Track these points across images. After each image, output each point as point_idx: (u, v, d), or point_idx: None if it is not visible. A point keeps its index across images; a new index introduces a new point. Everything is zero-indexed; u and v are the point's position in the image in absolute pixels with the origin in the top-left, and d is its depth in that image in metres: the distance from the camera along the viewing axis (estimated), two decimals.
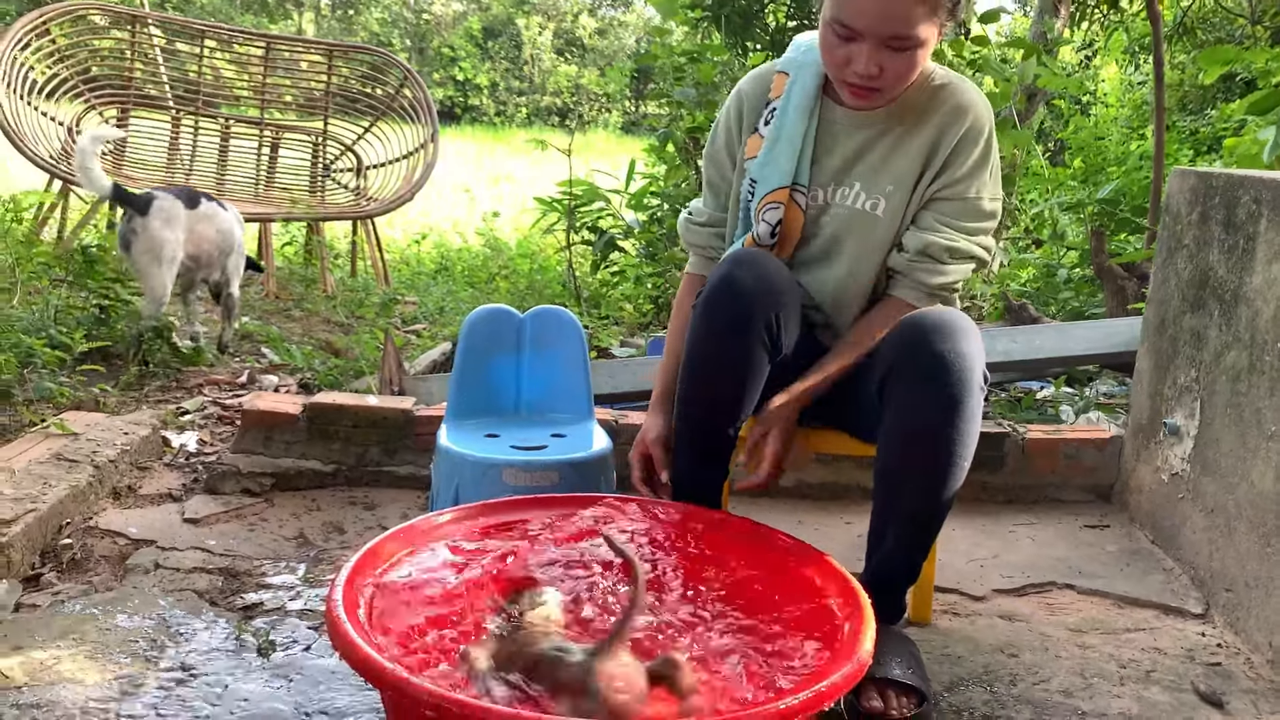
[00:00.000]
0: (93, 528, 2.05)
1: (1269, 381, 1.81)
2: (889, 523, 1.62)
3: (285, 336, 3.78)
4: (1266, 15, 8.22)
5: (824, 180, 1.71)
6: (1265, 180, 1.89)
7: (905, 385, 1.51)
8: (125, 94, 5.52)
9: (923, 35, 1.50)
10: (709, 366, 1.61)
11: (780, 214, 1.70)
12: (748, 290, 1.57)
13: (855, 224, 1.70)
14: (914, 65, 1.54)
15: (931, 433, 1.50)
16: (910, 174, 1.67)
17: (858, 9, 1.48)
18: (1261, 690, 1.70)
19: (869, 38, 1.50)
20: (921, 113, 1.66)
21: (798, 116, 1.69)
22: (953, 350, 1.47)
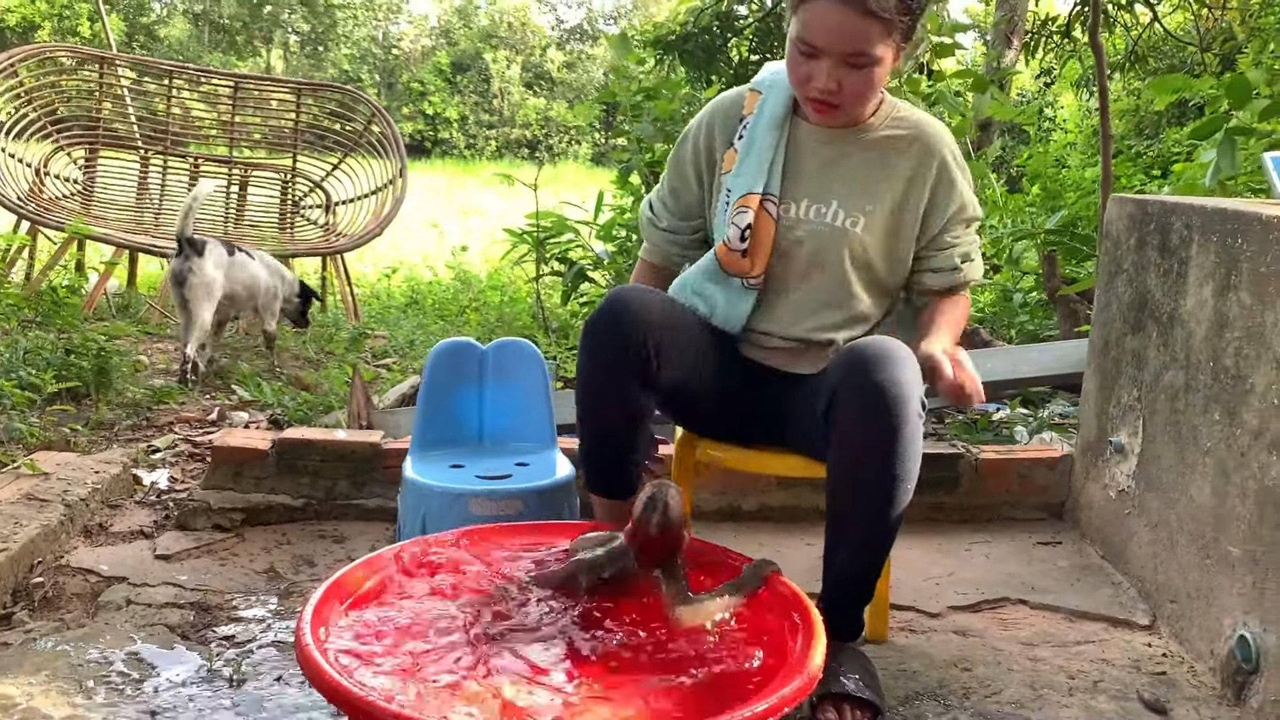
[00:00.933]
0: (64, 566, 2.08)
1: (1203, 400, 1.89)
2: (839, 544, 1.68)
3: (256, 373, 3.81)
4: (1215, 43, 8.45)
5: (797, 194, 1.77)
6: (1195, 207, 1.98)
7: (847, 413, 1.57)
8: (93, 134, 5.55)
9: (879, 53, 1.58)
10: (591, 400, 1.72)
11: (750, 218, 1.75)
12: (622, 325, 1.64)
13: (835, 240, 1.76)
14: (871, 83, 1.63)
15: (874, 459, 1.56)
16: (890, 197, 1.75)
17: (818, 27, 1.57)
18: (1204, 697, 1.77)
19: (829, 55, 1.59)
20: (894, 141, 1.76)
21: (768, 130, 1.77)
22: (890, 379, 1.53)
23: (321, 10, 26.56)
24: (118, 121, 5.79)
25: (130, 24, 24.10)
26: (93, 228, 4.80)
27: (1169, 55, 9.53)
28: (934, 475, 2.41)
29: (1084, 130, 9.53)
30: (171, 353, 4.08)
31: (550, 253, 5.34)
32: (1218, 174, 3.36)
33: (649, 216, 1.95)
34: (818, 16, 1.57)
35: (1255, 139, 3.68)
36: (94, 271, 5.12)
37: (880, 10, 1.54)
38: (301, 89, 6.14)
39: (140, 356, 3.88)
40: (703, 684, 1.31)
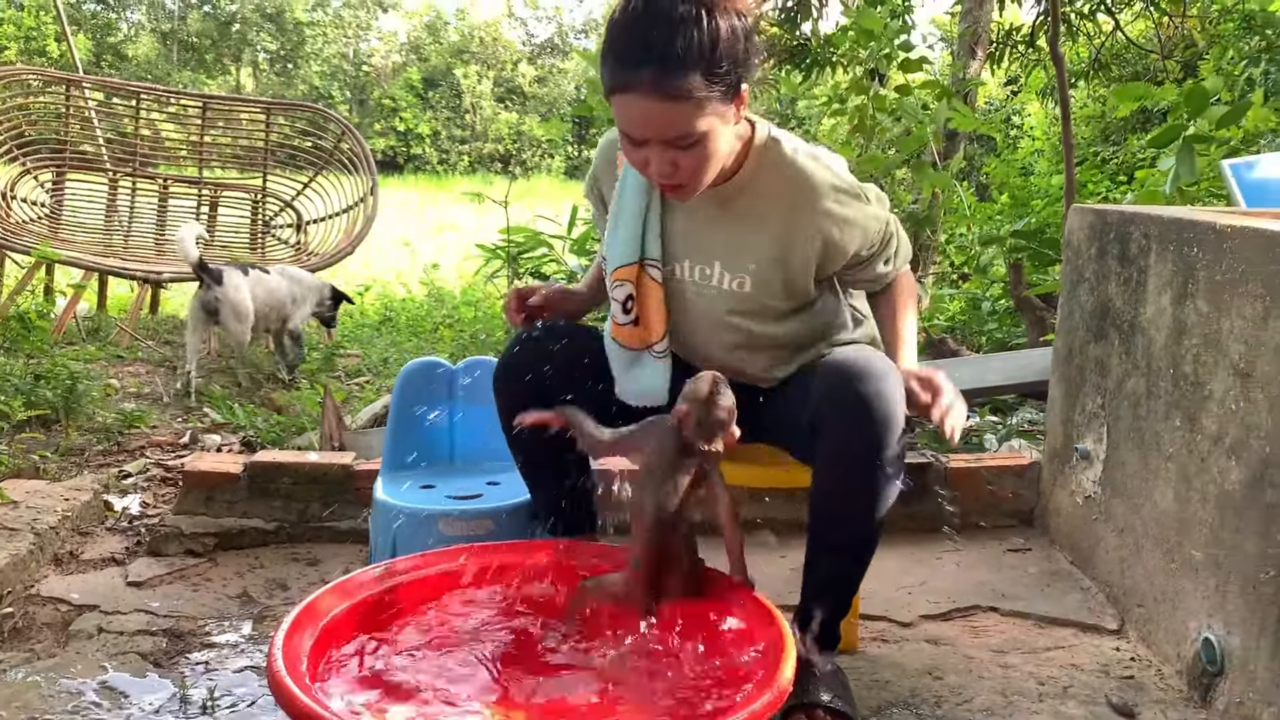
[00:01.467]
0: (34, 595, 2.07)
1: (1164, 406, 1.92)
2: (821, 555, 1.70)
3: (228, 395, 3.79)
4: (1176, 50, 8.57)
5: (678, 256, 1.72)
6: (1153, 216, 2.02)
7: (832, 425, 1.59)
8: (60, 157, 5.52)
9: (701, 129, 1.47)
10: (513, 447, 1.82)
11: (629, 290, 1.72)
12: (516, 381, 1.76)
13: (726, 301, 1.72)
14: (708, 157, 1.52)
15: (858, 470, 1.57)
16: (769, 249, 1.67)
17: (629, 120, 1.48)
18: (1170, 700, 1.79)
19: (652, 143, 1.49)
20: (767, 192, 1.66)
21: (634, 194, 1.70)
22: (876, 392, 1.55)
23: (290, 28, 26.50)
24: (85, 143, 5.75)
25: (98, 44, 23.95)
26: (61, 251, 4.77)
27: (1132, 62, 9.66)
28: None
29: (1050, 138, 9.64)
30: (143, 375, 4.05)
31: (524, 268, 5.35)
32: (1177, 181, 3.42)
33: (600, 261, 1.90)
34: (625, 110, 1.47)
35: (1215, 146, 3.75)
36: (62, 295, 5.09)
37: (684, 91, 1.43)
38: (271, 108, 6.12)
39: (111, 380, 3.86)
40: (673, 701, 1.32)
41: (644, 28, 1.44)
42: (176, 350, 4.64)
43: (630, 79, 1.44)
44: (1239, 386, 1.67)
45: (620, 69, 1.45)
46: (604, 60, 1.48)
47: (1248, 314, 1.65)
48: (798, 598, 1.83)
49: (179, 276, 5.09)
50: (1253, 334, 1.63)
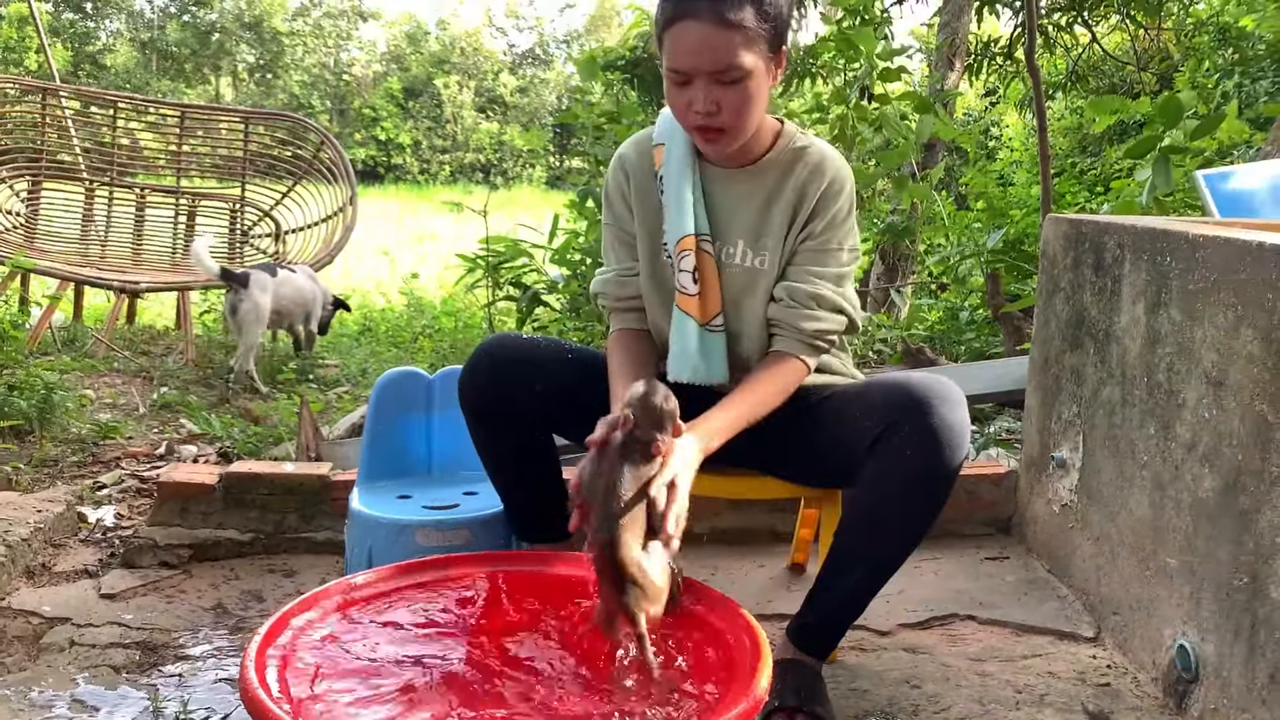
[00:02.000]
0: (5, 608, 2.04)
1: (1139, 414, 1.93)
2: (856, 563, 1.70)
3: (204, 405, 3.77)
4: (1152, 62, 8.66)
5: (721, 234, 1.78)
6: (1126, 226, 2.03)
7: (907, 445, 1.58)
8: (36, 166, 5.48)
9: (748, 65, 1.55)
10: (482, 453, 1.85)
11: (694, 260, 1.74)
12: (484, 383, 1.78)
13: (749, 281, 1.76)
14: (749, 98, 1.59)
15: (922, 491, 1.61)
16: (781, 229, 1.74)
17: (682, 50, 1.56)
18: (1146, 706, 1.80)
19: (699, 76, 1.57)
20: (785, 172, 1.74)
21: (679, 177, 1.76)
22: (956, 419, 1.58)
23: (269, 38, 26.42)
24: (62, 152, 5.72)
25: (76, 53, 23.82)
26: (36, 261, 4.73)
27: (1108, 74, 9.76)
28: None
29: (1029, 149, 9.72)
30: (119, 386, 4.02)
31: (504, 277, 5.35)
32: (1153, 191, 3.45)
33: (600, 276, 1.89)
34: (679, 39, 1.56)
35: (1190, 157, 3.79)
36: (38, 305, 5.05)
37: (737, 21, 1.53)
38: (250, 117, 6.10)
39: (87, 391, 3.83)
40: (649, 708, 1.31)
41: None
42: (154, 360, 4.61)
43: (690, 7, 1.54)
44: (1211, 395, 1.68)
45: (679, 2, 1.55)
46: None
47: (1220, 323, 1.66)
48: (775, 606, 1.85)
49: (155, 286, 5.07)
50: (1224, 343, 1.65)
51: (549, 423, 1.85)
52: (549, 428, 1.87)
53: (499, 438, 1.83)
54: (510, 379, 1.78)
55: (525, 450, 1.85)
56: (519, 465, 1.87)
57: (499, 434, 1.83)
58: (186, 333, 4.77)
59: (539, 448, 1.87)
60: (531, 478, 1.88)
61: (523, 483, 1.88)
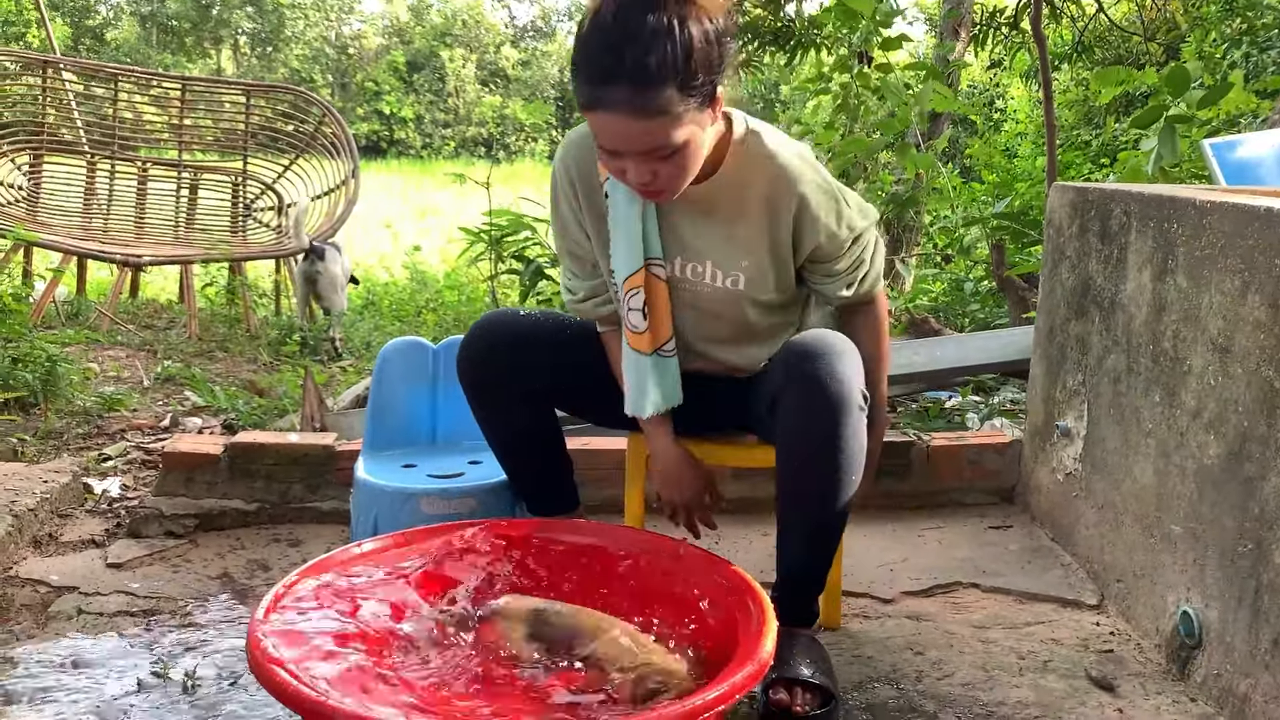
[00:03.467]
0: (13, 577, 2.05)
1: (1144, 382, 1.93)
2: (789, 534, 1.70)
3: (208, 378, 3.77)
4: (1160, 32, 8.59)
5: (670, 254, 1.70)
6: (1133, 193, 2.02)
7: (790, 406, 1.59)
8: (38, 139, 5.47)
9: (679, 139, 1.44)
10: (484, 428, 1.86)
11: (643, 297, 1.69)
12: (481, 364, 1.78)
13: (720, 298, 1.72)
14: (686, 163, 1.49)
15: (817, 451, 1.58)
16: (758, 243, 1.67)
17: (606, 135, 1.45)
18: (1149, 673, 1.81)
19: (629, 155, 1.46)
20: (749, 187, 1.64)
21: (627, 201, 1.66)
22: (830, 371, 1.55)
23: (269, 10, 26.25)
24: (64, 126, 5.70)
25: (77, 27, 23.69)
26: (38, 234, 4.73)
27: (1115, 45, 9.68)
28: (886, 463, 2.44)
29: (1034, 120, 9.66)
30: (123, 359, 4.03)
31: (507, 250, 5.33)
32: (1159, 161, 3.43)
33: (570, 300, 1.85)
34: (601, 126, 1.44)
35: (1196, 127, 3.76)
36: (41, 279, 5.04)
37: (659, 108, 1.40)
38: (251, 90, 6.07)
39: (91, 364, 3.83)
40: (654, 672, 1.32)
41: (615, 43, 1.39)
42: (157, 334, 4.61)
43: (603, 97, 1.41)
44: (1218, 361, 1.68)
45: (592, 87, 1.42)
46: (575, 75, 1.44)
47: (1226, 289, 1.65)
48: None
49: (158, 260, 5.07)
50: (1231, 309, 1.64)
51: (549, 396, 1.85)
52: (549, 401, 1.86)
53: (499, 413, 1.83)
54: (507, 354, 1.77)
55: (526, 424, 1.85)
56: (520, 439, 1.86)
57: (499, 409, 1.82)
58: (190, 306, 4.77)
59: (540, 421, 1.86)
60: (534, 451, 1.88)
61: (526, 457, 1.89)
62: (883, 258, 1.82)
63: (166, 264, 5.28)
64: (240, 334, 4.73)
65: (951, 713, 1.68)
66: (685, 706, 1.19)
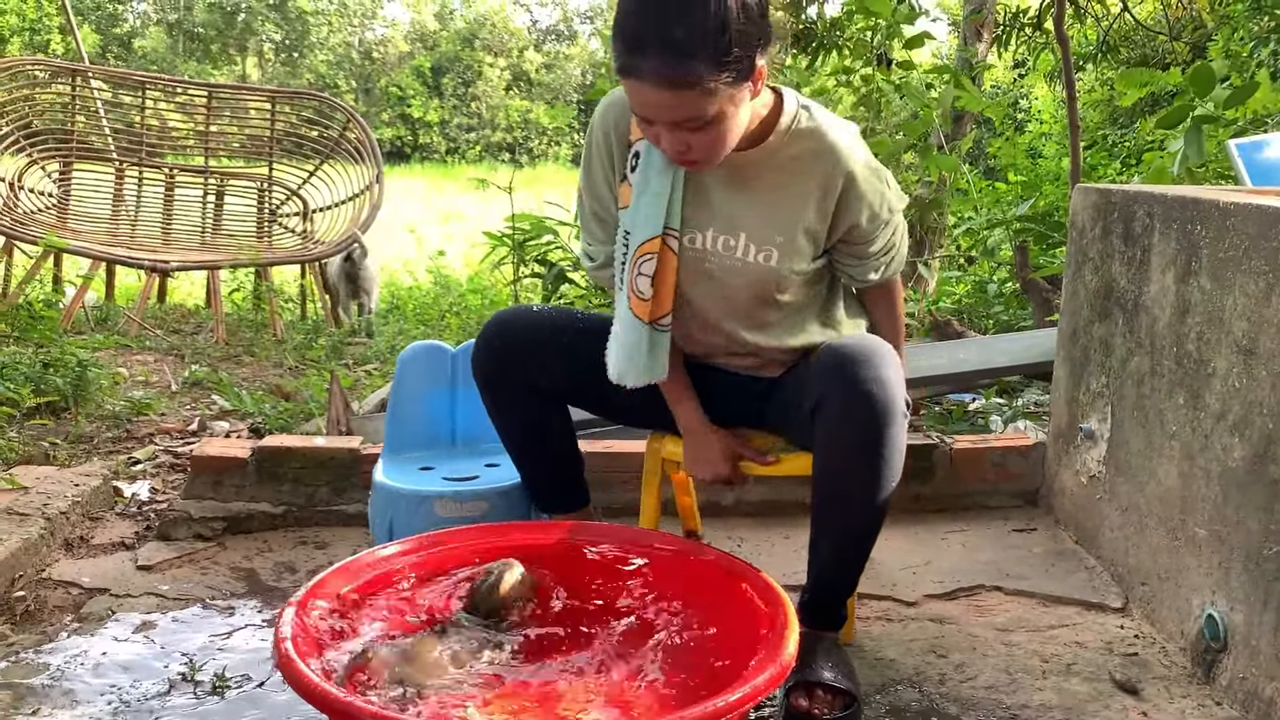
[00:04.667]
0: (46, 579, 2.09)
1: (1168, 384, 1.92)
2: (823, 539, 1.71)
3: (235, 382, 3.81)
4: (1186, 31, 8.52)
5: (702, 224, 1.67)
6: (1156, 195, 2.02)
7: (833, 412, 1.58)
8: (67, 147, 5.53)
9: (710, 113, 1.44)
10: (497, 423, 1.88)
11: (654, 265, 1.66)
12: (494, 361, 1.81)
13: (750, 274, 1.69)
14: (720, 137, 1.49)
15: (860, 458, 1.58)
16: (795, 222, 1.66)
17: (639, 103, 1.47)
18: (1174, 676, 1.80)
19: (661, 124, 1.47)
20: (796, 161, 1.64)
21: (662, 167, 1.63)
22: (877, 378, 1.55)
23: (294, 17, 26.45)
24: (92, 134, 5.77)
25: (104, 36, 23.96)
26: (68, 241, 4.79)
27: (1140, 44, 9.60)
28: (909, 465, 2.42)
29: (1058, 120, 9.59)
30: (151, 364, 4.07)
31: (530, 254, 5.36)
32: (1185, 162, 3.41)
33: (590, 266, 1.85)
34: (632, 92, 1.46)
35: (1222, 127, 3.73)
36: (71, 285, 5.11)
37: (689, 80, 1.40)
38: (276, 97, 6.12)
39: (120, 369, 3.88)
40: (677, 676, 1.33)
41: (651, 11, 1.40)
42: (184, 339, 4.66)
43: (636, 64, 1.41)
44: (1242, 364, 1.67)
45: (627, 54, 1.42)
46: (613, 40, 1.45)
47: (1250, 291, 1.65)
48: (802, 577, 1.85)
49: (185, 265, 5.12)
50: (1255, 311, 1.63)
51: (561, 393, 1.85)
52: (562, 398, 1.87)
53: (511, 409, 1.85)
54: (521, 350, 1.79)
55: (538, 421, 1.86)
56: (532, 437, 1.88)
57: (511, 406, 1.84)
58: (217, 311, 4.82)
59: (552, 419, 1.87)
60: (546, 449, 1.89)
61: (538, 454, 1.90)
62: (906, 245, 1.85)
63: (194, 269, 5.33)
64: (266, 339, 4.77)
65: (974, 716, 1.68)
66: (708, 707, 1.20)
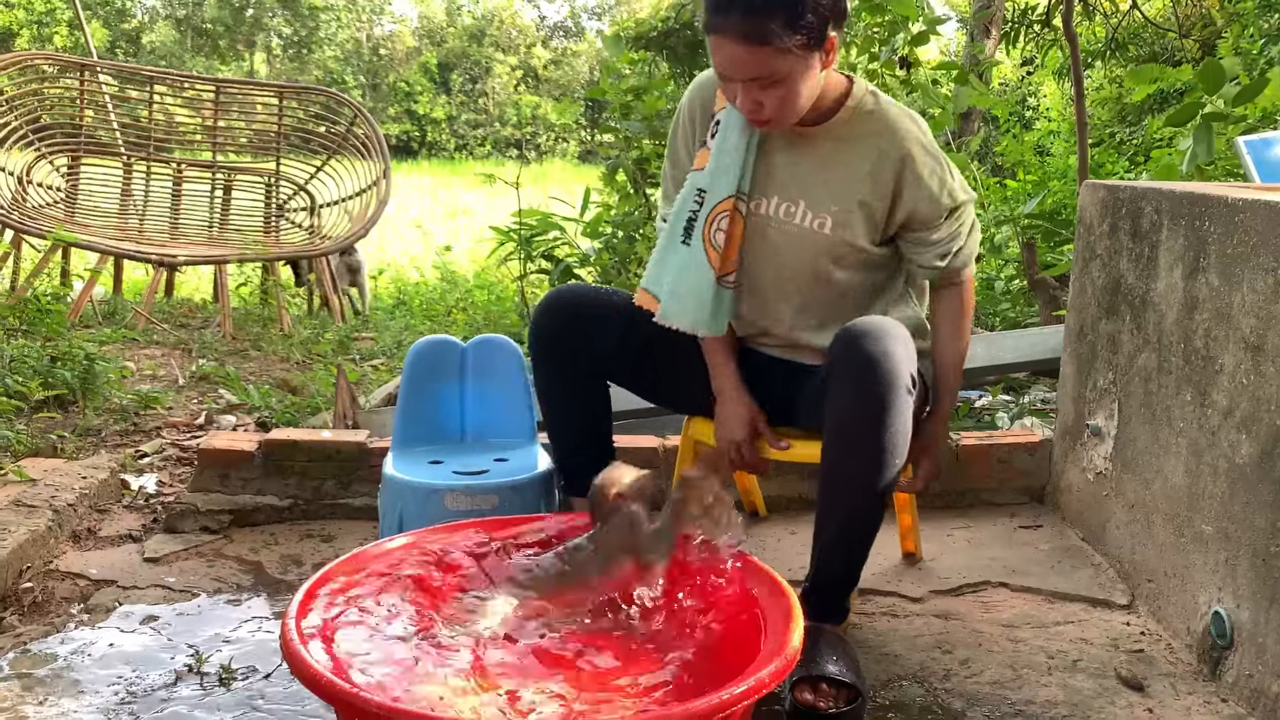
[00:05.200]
0: (53, 570, 2.09)
1: (1175, 381, 1.92)
2: (828, 521, 1.73)
3: (242, 377, 3.82)
4: (1195, 29, 8.49)
5: (767, 191, 1.80)
6: (1164, 191, 2.01)
7: (839, 386, 1.63)
8: (75, 142, 5.55)
9: (782, 72, 1.59)
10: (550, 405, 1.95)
11: (728, 221, 1.78)
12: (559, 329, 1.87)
13: (805, 240, 1.80)
14: (792, 96, 1.64)
15: (862, 431, 1.61)
16: (852, 194, 1.77)
17: (719, 58, 1.62)
18: (1180, 673, 1.79)
19: (738, 80, 1.62)
20: (856, 137, 1.77)
21: (738, 131, 1.77)
22: (881, 351, 1.59)
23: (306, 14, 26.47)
24: (100, 128, 5.78)
25: (112, 31, 24.01)
26: (77, 235, 4.80)
27: (1149, 42, 9.57)
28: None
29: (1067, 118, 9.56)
30: (158, 358, 4.09)
31: (536, 250, 5.37)
32: (1194, 161, 3.40)
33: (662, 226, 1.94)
34: (715, 49, 1.61)
35: (1232, 124, 3.72)
36: (79, 279, 5.12)
37: (764, 37, 1.55)
38: (284, 92, 6.13)
39: (127, 363, 3.89)
40: (682, 670, 1.33)
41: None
42: (192, 333, 4.67)
43: (718, 22, 1.58)
44: (1250, 360, 1.66)
45: (713, 12, 1.59)
46: (705, 2, 1.63)
47: (1259, 287, 1.64)
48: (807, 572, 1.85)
49: (193, 260, 5.13)
50: (1264, 307, 1.63)
51: (615, 366, 1.91)
52: (614, 374, 1.94)
53: (566, 380, 1.91)
54: (582, 321, 1.86)
55: (586, 394, 1.93)
56: (581, 410, 1.94)
57: (567, 376, 1.90)
58: (224, 305, 4.83)
59: (595, 393, 1.94)
60: (582, 422, 1.95)
61: (583, 429, 1.96)
62: (977, 240, 1.91)
63: (201, 264, 5.35)
64: (273, 333, 4.78)
65: (979, 711, 1.68)
66: (713, 700, 1.20)
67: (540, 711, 1.24)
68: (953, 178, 1.82)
